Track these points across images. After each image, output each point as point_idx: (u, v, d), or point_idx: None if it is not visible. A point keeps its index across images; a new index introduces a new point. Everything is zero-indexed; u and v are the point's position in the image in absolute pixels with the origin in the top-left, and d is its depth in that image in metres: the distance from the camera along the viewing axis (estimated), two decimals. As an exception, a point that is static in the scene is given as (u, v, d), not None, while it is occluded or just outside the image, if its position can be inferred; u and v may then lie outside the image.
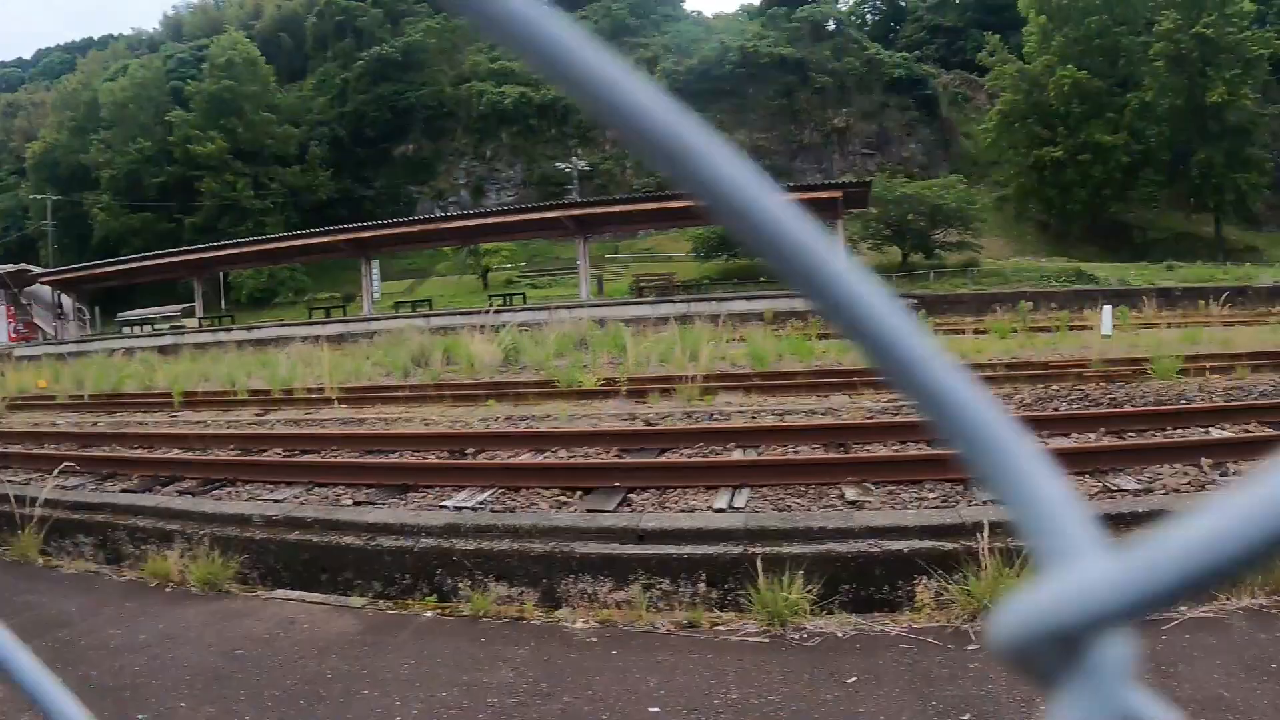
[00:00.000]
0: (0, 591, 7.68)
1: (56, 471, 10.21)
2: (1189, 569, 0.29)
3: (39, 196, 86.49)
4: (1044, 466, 0.35)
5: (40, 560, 8.57)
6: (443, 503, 8.21)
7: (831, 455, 8.95)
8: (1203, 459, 8.17)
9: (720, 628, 5.70)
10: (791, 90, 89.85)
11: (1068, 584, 0.33)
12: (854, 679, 4.80)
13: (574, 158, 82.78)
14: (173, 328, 48.78)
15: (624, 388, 15.32)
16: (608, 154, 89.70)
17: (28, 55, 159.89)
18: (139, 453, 12.23)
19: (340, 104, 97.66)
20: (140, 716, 5.00)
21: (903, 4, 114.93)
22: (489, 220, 43.13)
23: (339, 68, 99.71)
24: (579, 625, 5.89)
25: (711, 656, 5.18)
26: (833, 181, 45.86)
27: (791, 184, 38.13)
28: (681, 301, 35.99)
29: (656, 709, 4.55)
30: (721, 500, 7.67)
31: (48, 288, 58.28)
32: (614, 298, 45.69)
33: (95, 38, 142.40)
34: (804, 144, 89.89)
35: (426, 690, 5.02)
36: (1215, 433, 9.60)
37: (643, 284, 52.04)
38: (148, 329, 50.33)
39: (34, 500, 9.13)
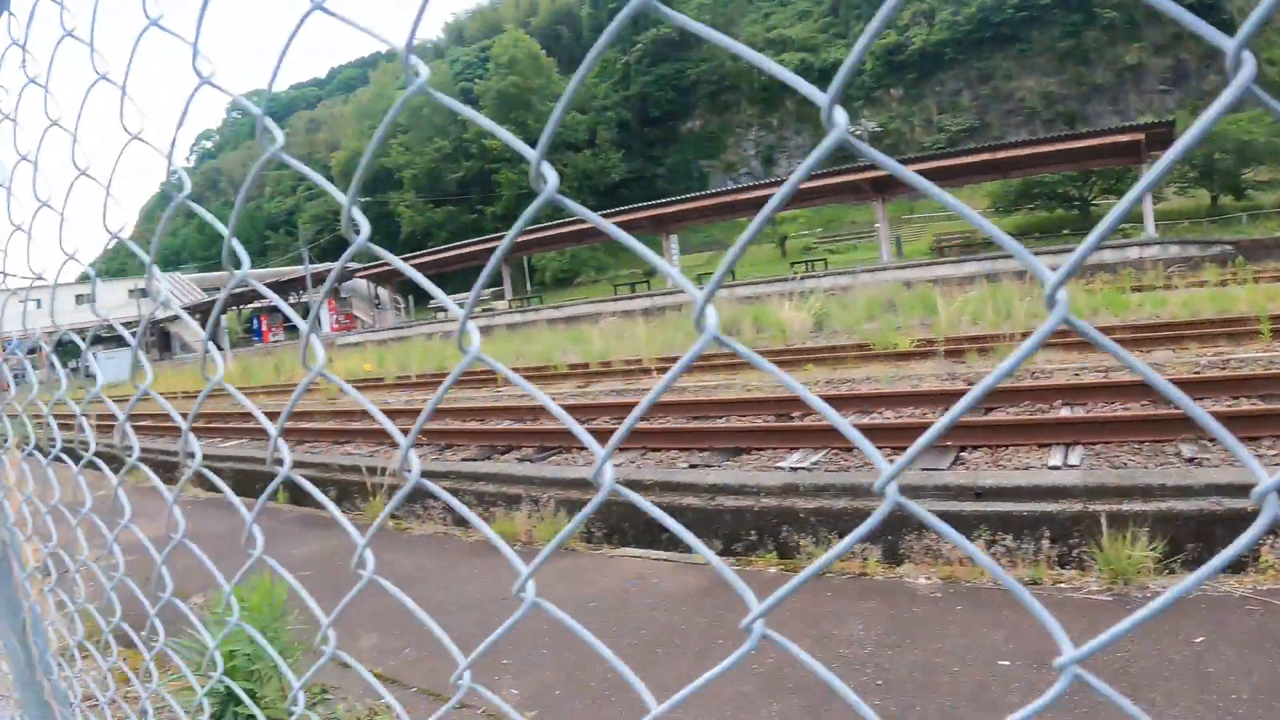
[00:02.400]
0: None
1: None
2: None
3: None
4: None
5: (391, 524, 9.22)
6: (777, 464, 8.36)
7: (1163, 411, 8.49)
8: None
9: (1062, 585, 5.54)
10: (1078, 29, 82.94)
11: None
12: (1201, 639, 4.59)
13: (861, 119, 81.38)
14: (484, 310, 50.90)
15: (941, 348, 14.99)
16: (894, 113, 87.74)
17: (322, 74, 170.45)
18: (473, 425, 12.93)
19: (624, 87, 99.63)
20: (506, 661, 5.34)
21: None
22: (783, 188, 42.74)
23: (618, 52, 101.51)
24: (922, 581, 5.86)
25: (1057, 614, 4.98)
26: (1131, 123, 42.72)
27: (1086, 129, 35.98)
28: (986, 259, 34.68)
29: (1006, 663, 4.49)
30: (1055, 458, 7.48)
31: (364, 281, 62.67)
32: (914, 259, 44.63)
33: (383, 51, 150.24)
34: (1096, 85, 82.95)
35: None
36: None
37: (943, 243, 50.68)
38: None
39: (383, 470, 9.89)
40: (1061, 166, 46.00)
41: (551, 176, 0.99)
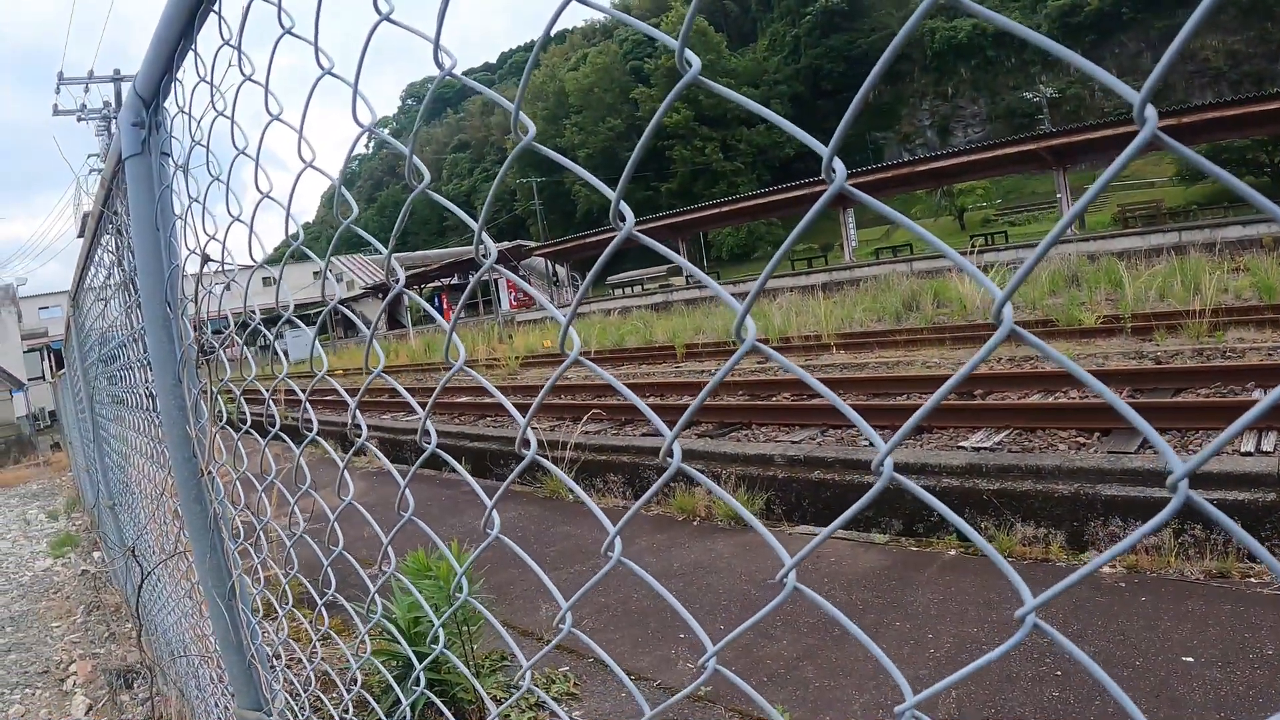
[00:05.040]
0: (541, 524, 8.52)
1: (585, 419, 11.24)
2: None
3: (524, 180, 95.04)
4: None
5: (570, 497, 9.48)
6: (960, 443, 8.23)
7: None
8: None
9: (1251, 579, 5.31)
10: (1263, -19, 77.70)
11: None
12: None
13: (1039, 85, 78.71)
14: (661, 287, 51.14)
15: (1128, 325, 14.43)
16: (1073, 78, 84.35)
17: (492, 59, 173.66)
18: (651, 400, 13.04)
19: (794, 61, 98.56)
20: (682, 635, 5.42)
21: None
22: (960, 160, 40.92)
23: (787, 25, 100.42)
24: (1105, 569, 5.70)
25: (1244, 609, 4.85)
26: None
27: (1276, 89, 33.50)
28: (1172, 230, 33.00)
29: (1190, 659, 4.35)
30: (1248, 443, 7.07)
31: (541, 259, 63.70)
32: (1097, 230, 42.87)
33: (552, 34, 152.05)
34: (1285, 42, 77.96)
35: (956, 625, 5.08)
36: None
37: (1127, 214, 48.46)
38: (637, 289, 53.11)
39: (564, 444, 10.12)
40: (1250, 131, 42.97)
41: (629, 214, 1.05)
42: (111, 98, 36.98)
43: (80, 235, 40.74)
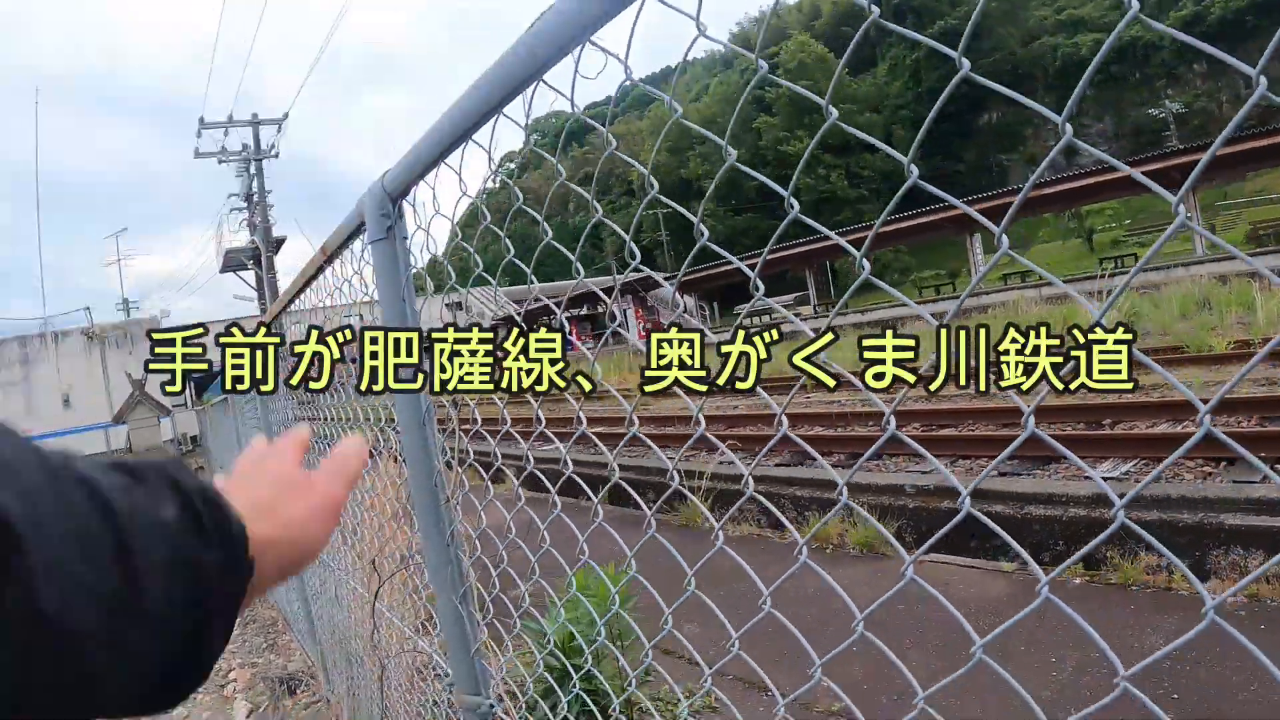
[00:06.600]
0: (679, 550, 8.82)
1: (720, 450, 11.56)
2: None
3: (650, 211, 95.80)
4: None
5: (704, 525, 9.78)
6: (1086, 474, 8.19)
7: None
8: None
9: None
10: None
11: None
12: None
13: (1165, 101, 76.54)
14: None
15: (1259, 350, 14.03)
16: (1199, 91, 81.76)
17: (613, 91, 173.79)
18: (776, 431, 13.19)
19: (914, 85, 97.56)
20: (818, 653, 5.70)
21: None
22: (1087, 181, 40.13)
23: (906, 50, 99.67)
24: (1227, 599, 5.81)
25: None
26: None
27: None
28: (1308, 248, 31.75)
29: None
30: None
31: (670, 289, 64.18)
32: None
33: (672, 66, 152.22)
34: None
35: (1079, 650, 5.29)
36: None
37: (1260, 231, 46.36)
38: (765, 319, 53.14)
39: (700, 474, 10.43)
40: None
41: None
42: (251, 141, 39.03)
43: (223, 271, 43.27)
